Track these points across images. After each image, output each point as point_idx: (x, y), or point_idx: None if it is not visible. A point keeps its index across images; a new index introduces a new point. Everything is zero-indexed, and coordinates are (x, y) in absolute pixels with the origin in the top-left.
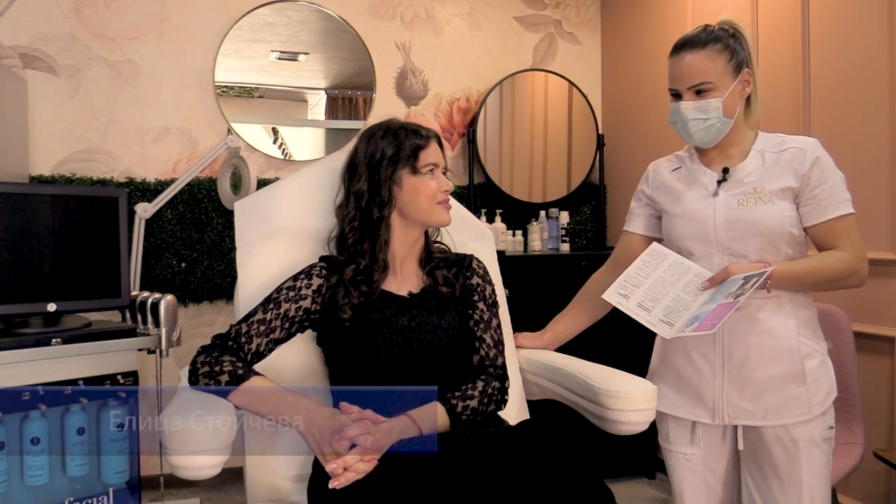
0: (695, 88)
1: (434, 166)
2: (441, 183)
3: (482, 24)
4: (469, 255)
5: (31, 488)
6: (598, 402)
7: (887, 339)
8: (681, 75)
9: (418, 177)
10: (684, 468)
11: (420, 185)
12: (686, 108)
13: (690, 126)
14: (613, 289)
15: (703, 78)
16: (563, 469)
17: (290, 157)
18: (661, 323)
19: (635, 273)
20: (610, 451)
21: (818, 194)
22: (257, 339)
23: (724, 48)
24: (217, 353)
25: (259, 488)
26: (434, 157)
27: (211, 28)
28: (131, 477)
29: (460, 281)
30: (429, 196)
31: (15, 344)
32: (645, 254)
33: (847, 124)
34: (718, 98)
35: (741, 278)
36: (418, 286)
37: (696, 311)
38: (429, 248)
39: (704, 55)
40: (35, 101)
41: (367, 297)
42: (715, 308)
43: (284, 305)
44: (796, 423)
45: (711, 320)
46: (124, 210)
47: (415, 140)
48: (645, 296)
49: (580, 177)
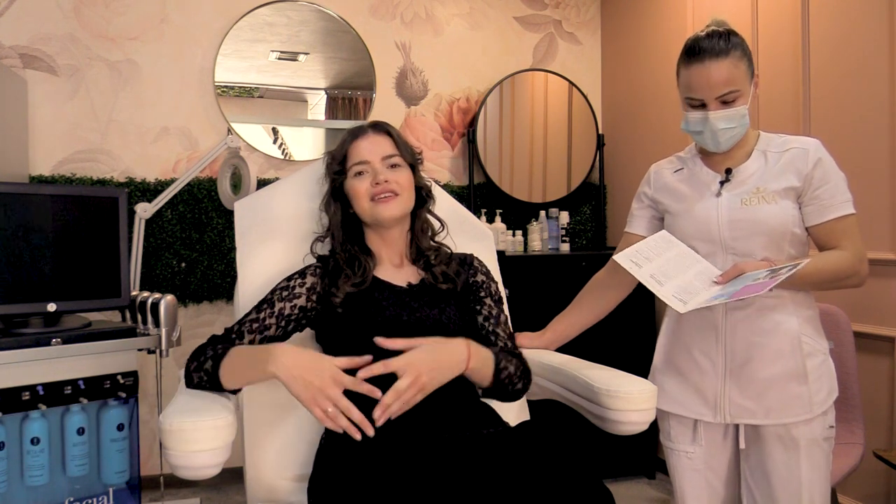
0: (722, 98)
1: (363, 164)
2: (372, 180)
3: (482, 24)
4: (470, 255)
5: (31, 488)
6: (598, 402)
7: (887, 339)
8: (707, 84)
9: (353, 179)
10: (685, 466)
11: (353, 188)
12: (716, 118)
13: (720, 136)
14: (626, 254)
15: (732, 86)
16: (562, 470)
17: (290, 157)
18: (673, 298)
19: (646, 248)
20: (610, 451)
21: (820, 194)
22: (249, 335)
23: (742, 54)
24: (204, 349)
25: (259, 488)
26: (365, 153)
27: (211, 28)
28: (131, 477)
29: (462, 278)
30: (362, 196)
31: (15, 344)
32: (655, 237)
33: (847, 124)
34: (744, 105)
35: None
36: (417, 279)
37: (710, 298)
38: (418, 245)
39: (730, 63)
40: (35, 101)
41: (359, 286)
42: (742, 288)
43: (279, 304)
44: (797, 423)
45: (747, 294)
46: (124, 210)
47: (345, 144)
48: (658, 270)
49: (580, 177)
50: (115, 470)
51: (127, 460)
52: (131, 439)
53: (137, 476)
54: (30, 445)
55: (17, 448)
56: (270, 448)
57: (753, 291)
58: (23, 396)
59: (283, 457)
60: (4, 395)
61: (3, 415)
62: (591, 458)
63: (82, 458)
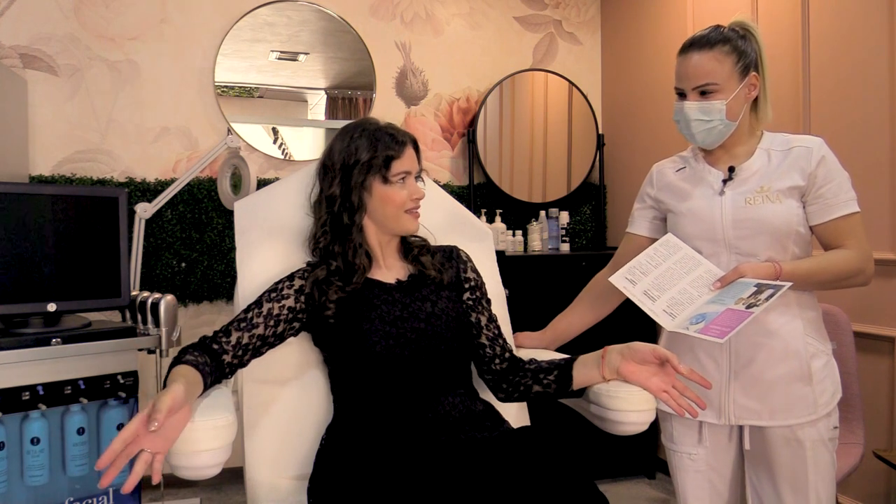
0: (699, 89)
1: (406, 174)
2: (411, 191)
3: (482, 24)
4: (453, 247)
5: (31, 488)
6: (598, 403)
7: (887, 339)
8: (686, 75)
9: (388, 186)
10: (688, 467)
11: (389, 195)
12: (689, 108)
13: (693, 126)
14: (621, 273)
15: (708, 79)
16: (557, 475)
17: (290, 157)
18: (663, 313)
19: (645, 261)
20: (610, 451)
21: (824, 193)
22: (236, 332)
23: (732, 50)
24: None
25: (259, 488)
26: (407, 164)
27: (211, 28)
28: None
29: (450, 271)
30: (397, 205)
31: (15, 344)
32: (658, 243)
33: (847, 124)
34: (722, 100)
35: (753, 285)
36: (405, 274)
37: (700, 308)
38: (404, 239)
39: (711, 56)
40: (35, 101)
41: (349, 293)
42: (724, 312)
43: (266, 305)
44: (802, 424)
45: (720, 326)
46: (124, 210)
47: (389, 149)
48: (652, 284)
49: (580, 177)
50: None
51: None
52: None
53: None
54: (30, 445)
55: (17, 448)
56: (270, 448)
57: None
58: (23, 396)
59: (283, 457)
60: (4, 395)
61: (3, 415)
62: (590, 459)
63: (82, 458)
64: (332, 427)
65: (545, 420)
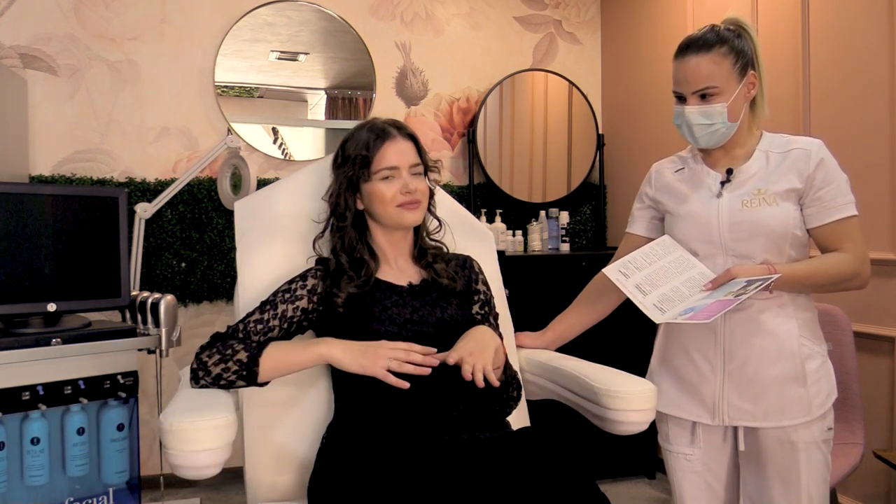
0: (699, 93)
1: (392, 169)
2: (401, 185)
3: (482, 24)
4: (468, 257)
5: (31, 488)
6: (598, 403)
7: (887, 339)
8: (685, 79)
9: (373, 182)
10: (684, 468)
11: (377, 191)
12: (691, 112)
13: (695, 130)
14: (615, 266)
15: (708, 83)
16: (559, 475)
17: (290, 157)
18: (653, 307)
19: (640, 257)
20: (610, 451)
21: (822, 196)
22: (255, 336)
23: (729, 51)
24: (221, 344)
25: (259, 488)
26: (394, 159)
27: (211, 28)
28: (131, 477)
29: (462, 280)
30: (386, 201)
31: (15, 344)
32: (655, 242)
33: (847, 124)
34: (723, 103)
35: (744, 281)
36: (418, 279)
37: (691, 305)
38: (421, 245)
39: (709, 59)
40: (35, 101)
41: (361, 288)
42: (712, 303)
43: (281, 307)
44: (796, 425)
45: (707, 313)
46: (124, 210)
47: (367, 146)
48: (644, 279)
49: (580, 177)
50: (115, 470)
51: (127, 460)
52: (131, 439)
53: (137, 476)
54: (30, 445)
55: (17, 448)
56: (270, 448)
57: (722, 308)
58: (23, 396)
59: (283, 457)
60: (4, 395)
61: (3, 415)
62: (590, 459)
63: (82, 458)
64: (333, 426)
65: (545, 420)
